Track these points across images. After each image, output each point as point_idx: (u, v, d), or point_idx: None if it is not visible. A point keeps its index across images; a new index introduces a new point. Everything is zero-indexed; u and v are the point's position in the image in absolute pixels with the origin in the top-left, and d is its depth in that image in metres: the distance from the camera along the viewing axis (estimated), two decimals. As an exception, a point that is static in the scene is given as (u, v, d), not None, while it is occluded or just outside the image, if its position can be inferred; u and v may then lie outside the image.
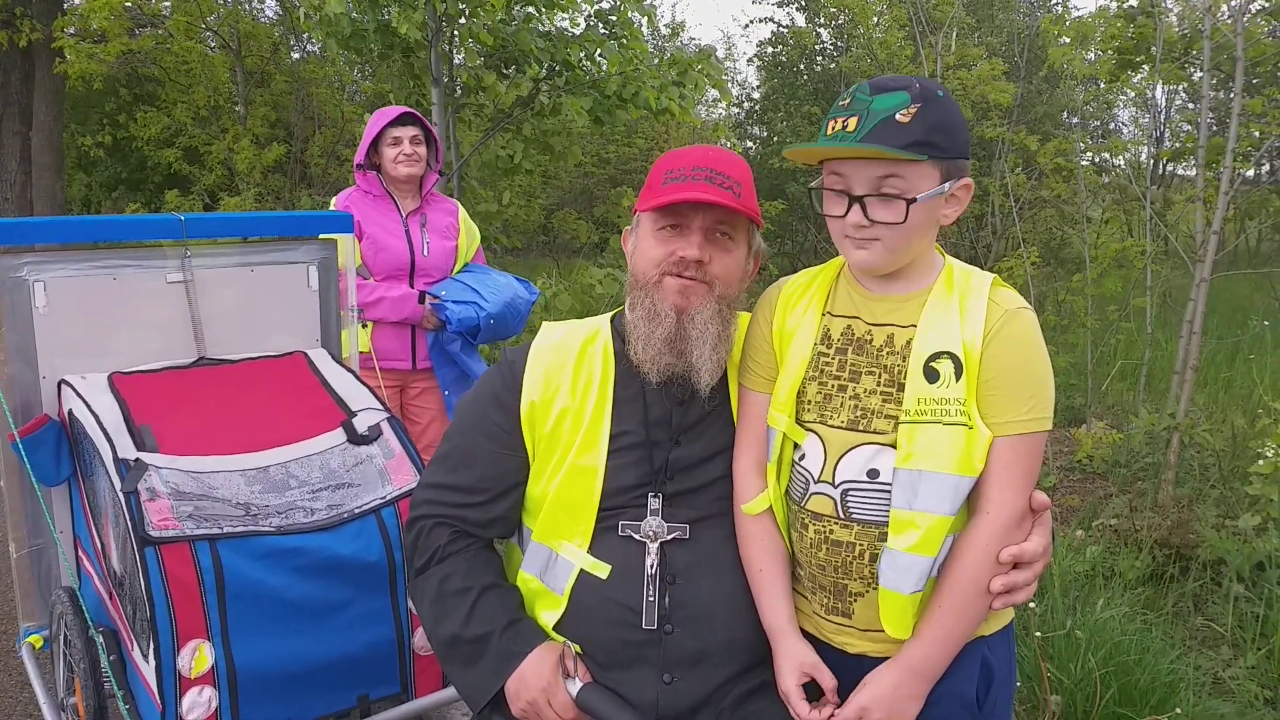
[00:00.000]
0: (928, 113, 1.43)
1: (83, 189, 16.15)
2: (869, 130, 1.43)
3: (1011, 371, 1.47)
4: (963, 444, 1.46)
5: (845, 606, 1.59)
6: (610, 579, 1.64)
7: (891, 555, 1.50)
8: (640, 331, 1.66)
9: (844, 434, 1.55)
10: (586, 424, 1.69)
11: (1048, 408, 1.49)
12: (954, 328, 1.48)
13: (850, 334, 1.58)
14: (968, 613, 1.49)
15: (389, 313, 3.50)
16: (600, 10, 6.59)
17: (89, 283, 2.57)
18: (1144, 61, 5.55)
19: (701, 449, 1.71)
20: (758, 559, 1.65)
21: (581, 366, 1.74)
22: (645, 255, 1.69)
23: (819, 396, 1.58)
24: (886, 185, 1.46)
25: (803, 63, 13.68)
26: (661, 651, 1.62)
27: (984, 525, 1.48)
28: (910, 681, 1.51)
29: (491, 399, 1.75)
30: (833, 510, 1.56)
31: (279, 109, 14.66)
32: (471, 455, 1.74)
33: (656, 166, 1.72)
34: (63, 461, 2.47)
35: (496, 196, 7.58)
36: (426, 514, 1.76)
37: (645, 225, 1.70)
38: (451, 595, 1.69)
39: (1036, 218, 10.17)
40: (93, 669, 2.30)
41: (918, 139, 1.42)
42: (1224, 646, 3.27)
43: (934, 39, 7.57)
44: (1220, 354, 7.17)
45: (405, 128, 3.53)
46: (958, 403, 1.46)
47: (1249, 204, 6.33)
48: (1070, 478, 5.20)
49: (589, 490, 1.67)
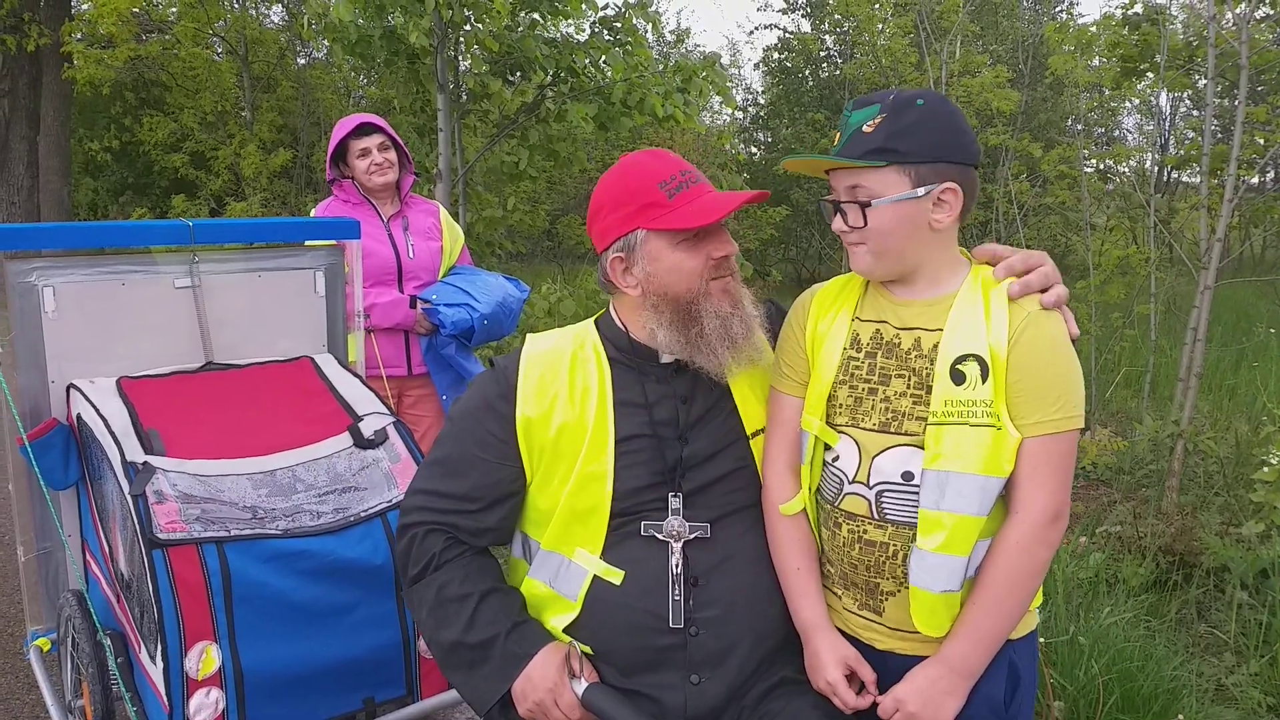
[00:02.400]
0: (892, 121, 1.50)
1: (90, 194, 16.21)
2: (844, 143, 1.53)
3: (1037, 373, 1.49)
4: (990, 445, 1.48)
5: (876, 604, 1.61)
6: (631, 583, 1.64)
7: (920, 555, 1.52)
8: (717, 337, 1.64)
9: (877, 436, 1.58)
10: (591, 431, 1.68)
11: (1077, 406, 1.51)
12: (980, 331, 1.51)
13: (879, 338, 1.61)
14: (1002, 611, 1.52)
15: (381, 319, 3.46)
16: (605, 17, 6.62)
17: (97, 288, 2.59)
18: (1148, 69, 5.56)
19: (709, 444, 1.72)
20: (793, 557, 1.67)
21: (576, 373, 1.72)
22: (680, 270, 1.65)
23: (850, 400, 1.61)
24: (855, 193, 1.54)
25: (807, 69, 13.71)
26: (687, 653, 1.63)
27: (1016, 525, 1.51)
28: (947, 677, 1.53)
29: (485, 407, 1.73)
30: (867, 511, 1.59)
31: (285, 114, 14.73)
32: (464, 464, 1.72)
33: (638, 180, 1.67)
34: (71, 465, 2.49)
35: (501, 202, 7.61)
36: (419, 520, 1.73)
37: (657, 242, 1.66)
38: (451, 602, 1.68)
39: (1040, 225, 10.18)
40: (100, 671, 2.31)
41: (876, 146, 1.49)
42: (1227, 653, 3.27)
43: (939, 46, 7.59)
44: (1224, 361, 7.16)
45: (369, 137, 3.47)
46: (984, 404, 1.48)
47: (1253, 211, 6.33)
48: (1074, 484, 5.17)
49: (600, 496, 1.67)
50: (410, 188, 3.67)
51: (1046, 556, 1.52)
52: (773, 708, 1.65)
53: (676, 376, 1.73)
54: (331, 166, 3.57)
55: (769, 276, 12.40)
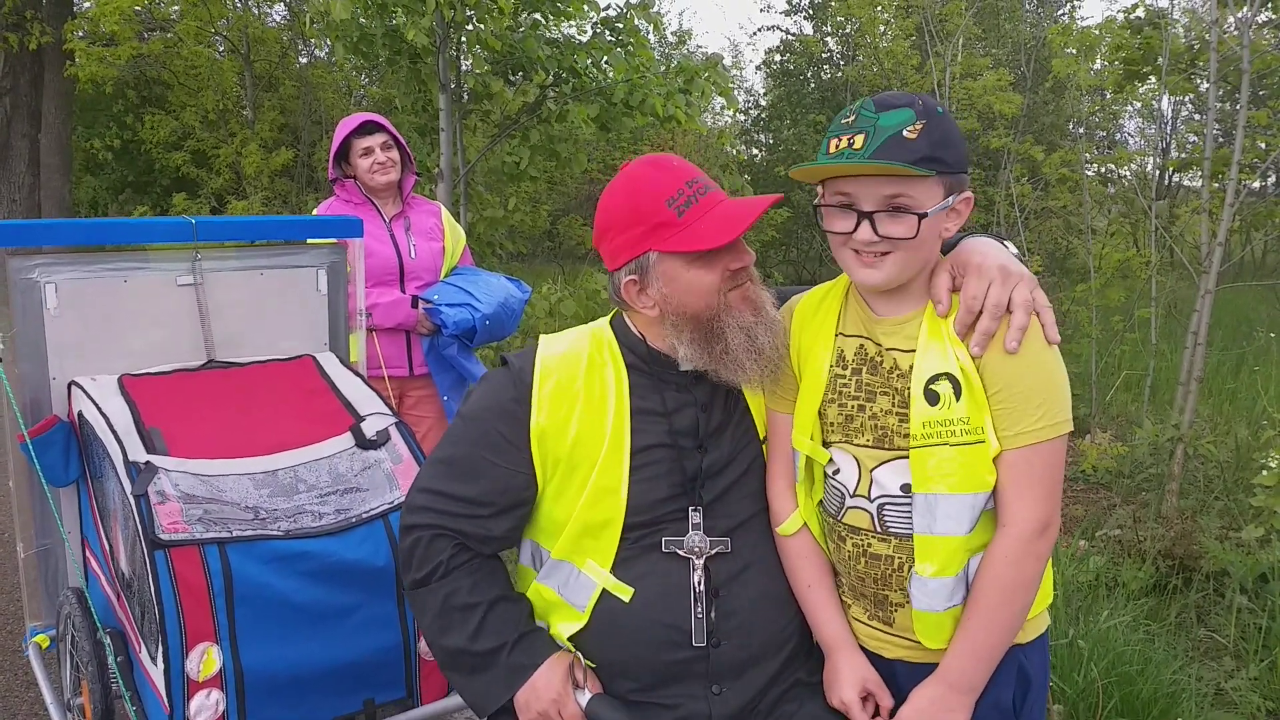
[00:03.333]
0: (932, 129, 1.44)
1: (91, 192, 16.21)
2: (878, 147, 1.43)
3: (1012, 384, 1.46)
4: (973, 462, 1.47)
5: (887, 615, 1.61)
6: (650, 598, 1.62)
7: (921, 581, 1.51)
8: (744, 351, 1.58)
9: (873, 451, 1.56)
10: (608, 441, 1.63)
11: (1061, 412, 1.47)
12: (948, 348, 1.49)
13: (864, 354, 1.59)
14: (997, 625, 1.50)
15: (382, 319, 3.46)
16: (607, 18, 6.62)
17: (99, 285, 2.58)
18: (1150, 73, 5.56)
19: (728, 450, 1.69)
20: (806, 575, 1.66)
21: (593, 380, 1.67)
22: (698, 287, 1.59)
23: (840, 418, 1.59)
24: (896, 201, 1.45)
25: (810, 71, 13.71)
26: (709, 665, 1.62)
27: (1003, 539, 1.49)
28: (948, 695, 1.51)
29: (498, 409, 1.67)
30: (870, 524, 1.58)
31: (287, 113, 14.73)
32: (475, 467, 1.67)
33: (646, 198, 1.60)
34: (71, 462, 2.49)
35: (502, 202, 7.61)
36: (425, 523, 1.67)
37: (672, 263, 1.59)
38: (457, 610, 1.65)
39: (1042, 228, 10.16)
40: (100, 670, 2.31)
41: (925, 155, 1.42)
42: (1226, 658, 3.27)
43: (941, 49, 7.59)
44: (1225, 365, 7.16)
45: (371, 136, 3.48)
46: (961, 422, 1.46)
47: (1254, 216, 6.35)
48: (1074, 488, 5.20)
49: (614, 509, 1.63)
50: (412, 188, 3.67)
51: (1036, 568, 1.49)
52: (787, 710, 1.65)
53: (696, 384, 1.69)
54: (334, 165, 3.57)
55: (770, 278, 12.39)
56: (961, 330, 1.49)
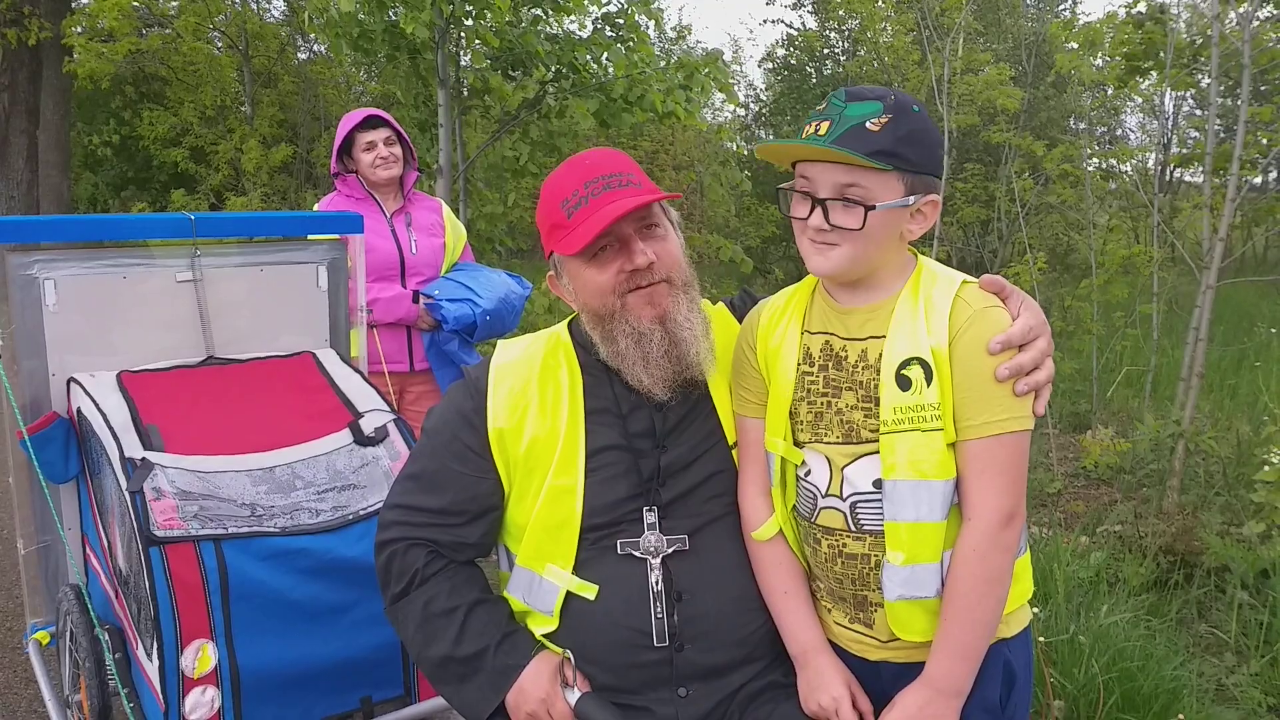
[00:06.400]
0: (899, 124, 1.44)
1: (89, 188, 16.18)
2: (839, 135, 1.44)
3: (979, 372, 1.45)
4: (943, 449, 1.46)
5: (867, 617, 1.59)
6: (611, 601, 1.61)
7: (892, 570, 1.50)
8: (632, 357, 1.60)
9: (842, 448, 1.55)
10: (562, 442, 1.64)
11: (1025, 406, 1.47)
12: (920, 333, 1.48)
13: (829, 349, 1.58)
14: (973, 620, 1.49)
15: (383, 314, 3.46)
16: (607, 13, 6.61)
17: (98, 281, 2.58)
18: (1152, 67, 5.54)
19: (688, 450, 1.68)
20: (780, 582, 1.64)
21: (547, 383, 1.68)
22: (591, 287, 1.61)
23: (810, 416, 1.58)
24: (849, 191, 1.45)
25: (811, 66, 13.70)
26: (674, 668, 1.61)
27: (970, 532, 1.48)
28: (935, 699, 1.50)
29: (459, 420, 1.69)
30: (843, 523, 1.56)
31: (286, 109, 14.71)
32: (441, 478, 1.69)
33: (547, 199, 1.64)
34: (71, 459, 2.48)
35: (502, 198, 7.60)
36: (397, 536, 1.70)
37: (571, 262, 1.63)
38: (438, 617, 1.65)
39: (1043, 223, 10.17)
40: (98, 667, 2.31)
41: (884, 148, 1.42)
42: (1228, 653, 3.27)
43: (941, 44, 7.58)
44: (1226, 361, 7.15)
45: (375, 131, 3.48)
46: (933, 408, 1.45)
47: (1256, 211, 6.33)
48: (1075, 484, 5.20)
49: (569, 510, 1.63)
50: (414, 184, 3.67)
51: (1004, 560, 1.48)
52: (760, 713, 1.63)
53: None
54: (336, 160, 3.56)
55: (771, 274, 12.38)
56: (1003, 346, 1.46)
